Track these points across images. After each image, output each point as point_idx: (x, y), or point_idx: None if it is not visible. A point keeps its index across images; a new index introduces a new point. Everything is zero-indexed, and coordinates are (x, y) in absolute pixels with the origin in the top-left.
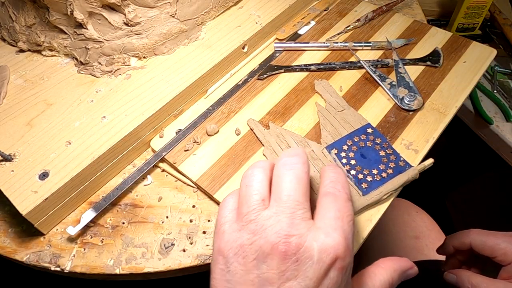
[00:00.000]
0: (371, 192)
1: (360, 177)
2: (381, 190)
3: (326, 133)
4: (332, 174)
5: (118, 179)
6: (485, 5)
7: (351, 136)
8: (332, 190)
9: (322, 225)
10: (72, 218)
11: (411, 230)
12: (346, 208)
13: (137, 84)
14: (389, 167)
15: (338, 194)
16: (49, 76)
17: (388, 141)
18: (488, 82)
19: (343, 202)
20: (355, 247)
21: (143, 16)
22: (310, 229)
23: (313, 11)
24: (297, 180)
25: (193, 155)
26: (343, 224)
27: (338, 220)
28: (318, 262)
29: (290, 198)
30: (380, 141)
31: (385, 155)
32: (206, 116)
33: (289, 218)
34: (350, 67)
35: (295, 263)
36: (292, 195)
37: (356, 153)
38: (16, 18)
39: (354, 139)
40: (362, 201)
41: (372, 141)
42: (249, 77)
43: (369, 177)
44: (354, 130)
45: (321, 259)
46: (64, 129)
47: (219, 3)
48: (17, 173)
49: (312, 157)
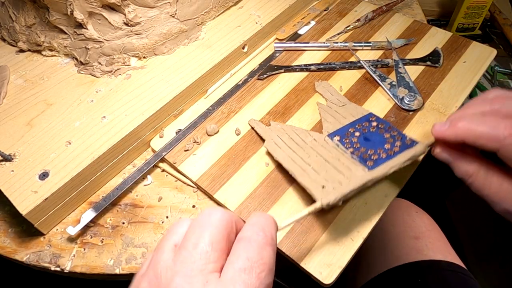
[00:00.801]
0: (377, 168)
1: (365, 157)
2: (388, 164)
3: (328, 124)
4: (254, 218)
5: (118, 179)
6: (485, 5)
7: (353, 124)
8: (248, 234)
9: (225, 278)
10: (72, 218)
11: (411, 230)
12: (259, 256)
13: (137, 84)
14: (395, 146)
15: (254, 238)
16: (49, 76)
17: (392, 125)
18: (488, 82)
19: (258, 248)
20: (355, 247)
21: (143, 16)
22: (207, 284)
23: (313, 11)
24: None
25: (193, 155)
26: (249, 277)
27: (243, 273)
28: None
29: (194, 247)
30: (384, 125)
31: (389, 136)
32: (206, 116)
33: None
34: (350, 67)
35: None
36: (197, 244)
37: (359, 138)
38: (16, 18)
39: (356, 127)
40: (367, 176)
41: (376, 126)
42: (249, 77)
43: (374, 156)
44: (356, 119)
45: None
46: (64, 129)
47: (219, 3)
48: (17, 173)
49: (315, 146)
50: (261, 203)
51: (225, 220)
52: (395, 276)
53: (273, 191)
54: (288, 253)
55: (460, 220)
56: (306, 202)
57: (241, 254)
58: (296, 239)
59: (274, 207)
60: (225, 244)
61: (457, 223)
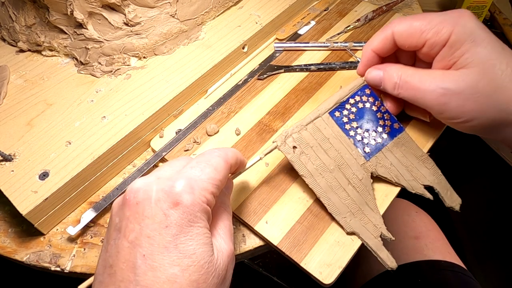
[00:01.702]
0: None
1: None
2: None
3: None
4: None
5: (118, 179)
6: (485, 5)
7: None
8: (207, 150)
9: (173, 175)
10: (72, 218)
11: (411, 230)
12: (206, 159)
13: (137, 84)
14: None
15: (207, 152)
16: (49, 76)
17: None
18: None
19: (208, 156)
20: (355, 247)
21: (143, 16)
22: (158, 179)
23: (313, 11)
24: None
25: (193, 155)
26: (193, 171)
27: (189, 169)
28: (155, 202)
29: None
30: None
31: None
32: (206, 116)
33: (149, 176)
34: (350, 67)
35: (135, 206)
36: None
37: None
38: (16, 18)
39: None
40: (366, 164)
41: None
42: (249, 77)
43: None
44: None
45: (158, 199)
46: (64, 129)
47: (219, 3)
48: (17, 173)
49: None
50: (261, 203)
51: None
52: (395, 276)
53: (273, 191)
54: (288, 253)
55: (460, 220)
56: (306, 202)
57: (193, 159)
58: (296, 239)
59: (274, 207)
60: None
61: (457, 223)
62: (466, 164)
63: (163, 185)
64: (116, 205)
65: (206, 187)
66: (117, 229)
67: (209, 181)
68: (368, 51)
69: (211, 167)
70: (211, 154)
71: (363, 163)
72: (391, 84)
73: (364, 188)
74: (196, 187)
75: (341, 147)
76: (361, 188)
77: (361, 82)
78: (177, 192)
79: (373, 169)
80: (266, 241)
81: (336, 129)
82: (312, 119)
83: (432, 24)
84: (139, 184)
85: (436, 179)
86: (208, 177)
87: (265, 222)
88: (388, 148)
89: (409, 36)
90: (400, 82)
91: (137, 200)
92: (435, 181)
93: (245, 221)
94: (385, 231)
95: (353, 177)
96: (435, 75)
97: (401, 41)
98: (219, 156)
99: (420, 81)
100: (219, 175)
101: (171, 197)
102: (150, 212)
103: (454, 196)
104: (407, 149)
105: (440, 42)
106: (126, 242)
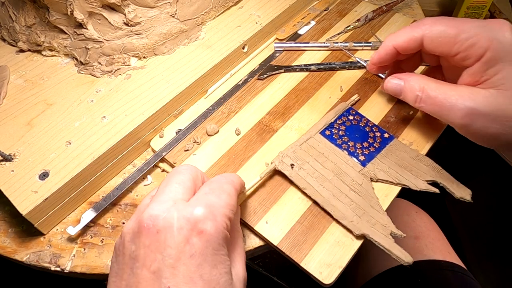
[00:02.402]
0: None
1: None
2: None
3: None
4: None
5: (118, 179)
6: (485, 5)
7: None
8: (212, 179)
9: (190, 201)
10: (72, 218)
11: (411, 230)
12: (219, 186)
13: (137, 84)
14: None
15: (215, 179)
16: (49, 76)
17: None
18: None
19: (218, 183)
20: (355, 247)
21: (143, 16)
22: (176, 204)
23: (313, 11)
24: (177, 176)
25: (193, 155)
26: (210, 197)
27: (205, 195)
28: (178, 230)
29: (165, 186)
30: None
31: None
32: (206, 116)
33: (158, 199)
34: (350, 67)
35: (156, 234)
36: (167, 184)
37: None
38: (16, 18)
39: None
40: (363, 171)
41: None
42: (249, 77)
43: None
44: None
45: (180, 227)
46: (64, 129)
47: (219, 3)
48: (17, 173)
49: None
50: (261, 203)
51: (189, 169)
52: (395, 276)
53: (273, 191)
54: (288, 253)
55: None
56: (306, 202)
57: (204, 187)
58: (296, 239)
59: (274, 207)
60: (192, 184)
61: (457, 223)
62: (466, 164)
63: (184, 212)
64: (130, 232)
65: (226, 213)
66: (133, 258)
67: (227, 206)
68: (390, 46)
69: (225, 193)
70: (219, 181)
71: (361, 170)
72: (412, 96)
73: (366, 192)
74: (217, 213)
75: (336, 159)
76: (363, 192)
77: (345, 106)
78: (200, 220)
79: (371, 174)
80: (266, 241)
81: (328, 144)
82: (305, 140)
83: (467, 34)
84: (157, 210)
85: (438, 174)
86: (226, 203)
87: (265, 222)
88: (382, 155)
89: (441, 44)
90: (422, 95)
91: (157, 228)
92: (437, 176)
93: (245, 221)
94: (395, 229)
95: (353, 183)
96: (462, 93)
97: (431, 47)
98: (228, 182)
99: (445, 98)
100: (233, 200)
101: (194, 225)
102: (173, 241)
103: (462, 187)
104: (401, 153)
105: (474, 56)
106: (147, 272)
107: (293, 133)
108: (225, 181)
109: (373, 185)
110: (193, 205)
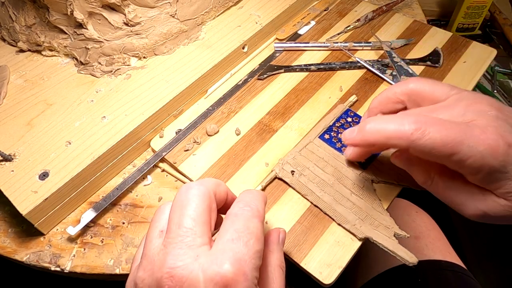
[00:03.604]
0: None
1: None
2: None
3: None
4: (241, 195)
5: (118, 179)
6: (485, 5)
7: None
8: (235, 210)
9: (215, 250)
10: (72, 218)
11: (411, 230)
12: (246, 227)
13: (137, 84)
14: None
15: (239, 213)
16: (49, 76)
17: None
18: (488, 82)
19: (244, 220)
20: (355, 247)
21: (143, 16)
22: (198, 257)
23: (313, 11)
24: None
25: (193, 155)
26: (237, 246)
27: (231, 243)
28: None
29: (178, 226)
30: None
31: None
32: (206, 116)
33: (175, 249)
34: (350, 67)
35: None
36: (180, 223)
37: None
38: (16, 18)
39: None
40: (364, 174)
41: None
42: (249, 77)
43: None
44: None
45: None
46: (64, 129)
47: (219, 3)
48: (17, 173)
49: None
50: None
51: (202, 194)
52: (395, 276)
53: (273, 191)
54: (288, 253)
55: (460, 220)
56: (306, 202)
57: (229, 228)
58: (296, 239)
59: (274, 207)
60: (207, 216)
61: (457, 223)
62: None
63: (209, 272)
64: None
65: (256, 264)
66: None
67: (256, 254)
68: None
69: (253, 235)
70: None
71: (361, 173)
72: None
73: (368, 194)
74: (247, 269)
75: (336, 163)
76: (364, 195)
77: (343, 108)
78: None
79: (372, 176)
80: None
81: (328, 148)
82: (304, 145)
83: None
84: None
85: None
86: (254, 251)
87: (265, 222)
88: (382, 155)
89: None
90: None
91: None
92: None
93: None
94: (398, 230)
95: (354, 187)
96: (474, 197)
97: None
98: (254, 216)
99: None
100: (261, 242)
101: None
102: None
103: None
104: None
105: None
106: None
107: (293, 133)
108: (251, 215)
109: (374, 187)
110: (219, 261)
